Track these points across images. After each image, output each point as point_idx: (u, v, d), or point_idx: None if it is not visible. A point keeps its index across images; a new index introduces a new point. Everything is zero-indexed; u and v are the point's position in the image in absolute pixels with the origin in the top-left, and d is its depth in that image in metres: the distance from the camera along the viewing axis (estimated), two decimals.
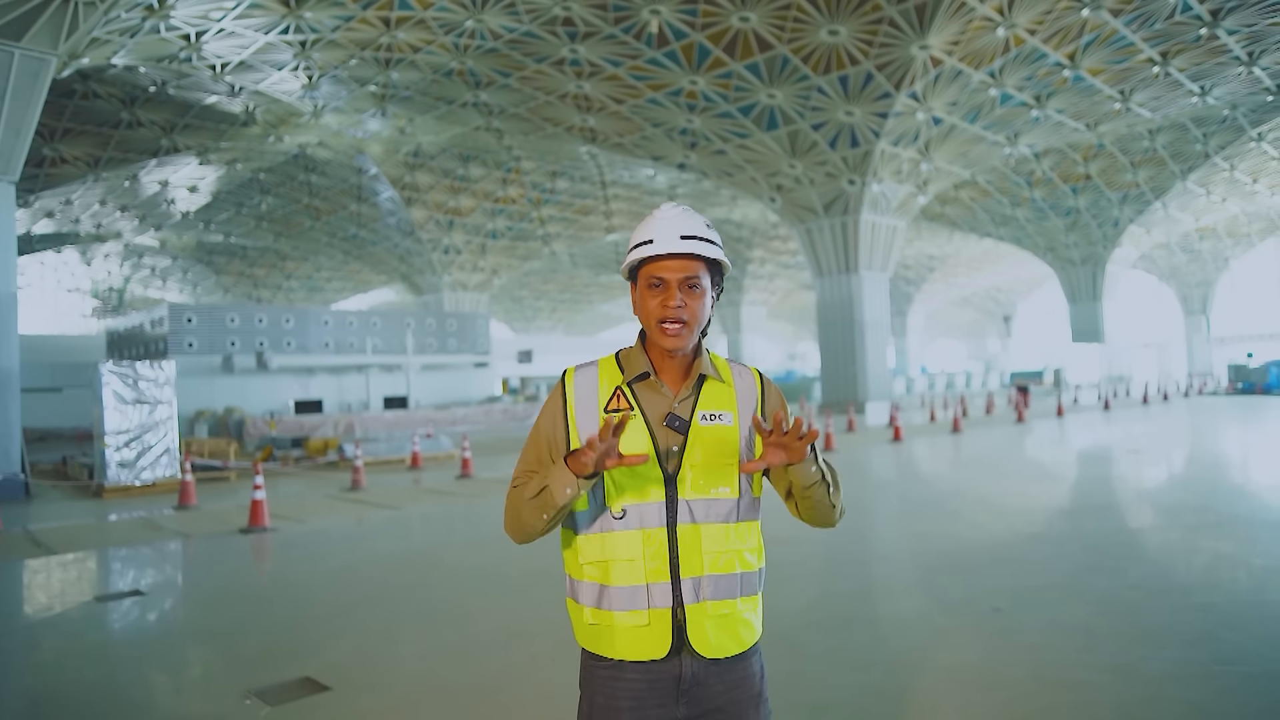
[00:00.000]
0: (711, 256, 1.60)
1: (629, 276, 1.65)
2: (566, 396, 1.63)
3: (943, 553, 6.27)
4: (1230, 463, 11.71)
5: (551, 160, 31.39)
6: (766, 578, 1.68)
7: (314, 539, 7.81)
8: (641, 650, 1.53)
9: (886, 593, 5.41)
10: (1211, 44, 20.62)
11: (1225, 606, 4.58)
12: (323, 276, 51.87)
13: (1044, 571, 5.52)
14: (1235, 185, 33.10)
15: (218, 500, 10.57)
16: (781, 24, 19.16)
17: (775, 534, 3.02)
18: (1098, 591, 4.90)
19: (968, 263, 53.31)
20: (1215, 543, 6.25)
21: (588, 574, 1.58)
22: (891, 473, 11.76)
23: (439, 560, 6.80)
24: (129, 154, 26.53)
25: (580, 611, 1.59)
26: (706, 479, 1.57)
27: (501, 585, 5.73)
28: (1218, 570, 5.49)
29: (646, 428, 1.57)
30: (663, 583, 1.53)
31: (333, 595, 5.67)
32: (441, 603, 5.37)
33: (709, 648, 1.54)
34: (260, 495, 8.01)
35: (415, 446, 13.81)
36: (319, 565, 6.75)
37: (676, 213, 1.61)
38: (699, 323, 1.60)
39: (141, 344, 25.50)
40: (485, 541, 7.38)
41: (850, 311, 26.10)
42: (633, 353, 1.65)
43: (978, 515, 7.93)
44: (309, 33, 18.59)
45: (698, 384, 1.63)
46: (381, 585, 5.87)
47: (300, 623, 5.02)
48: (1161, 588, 5.02)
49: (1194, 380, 36.98)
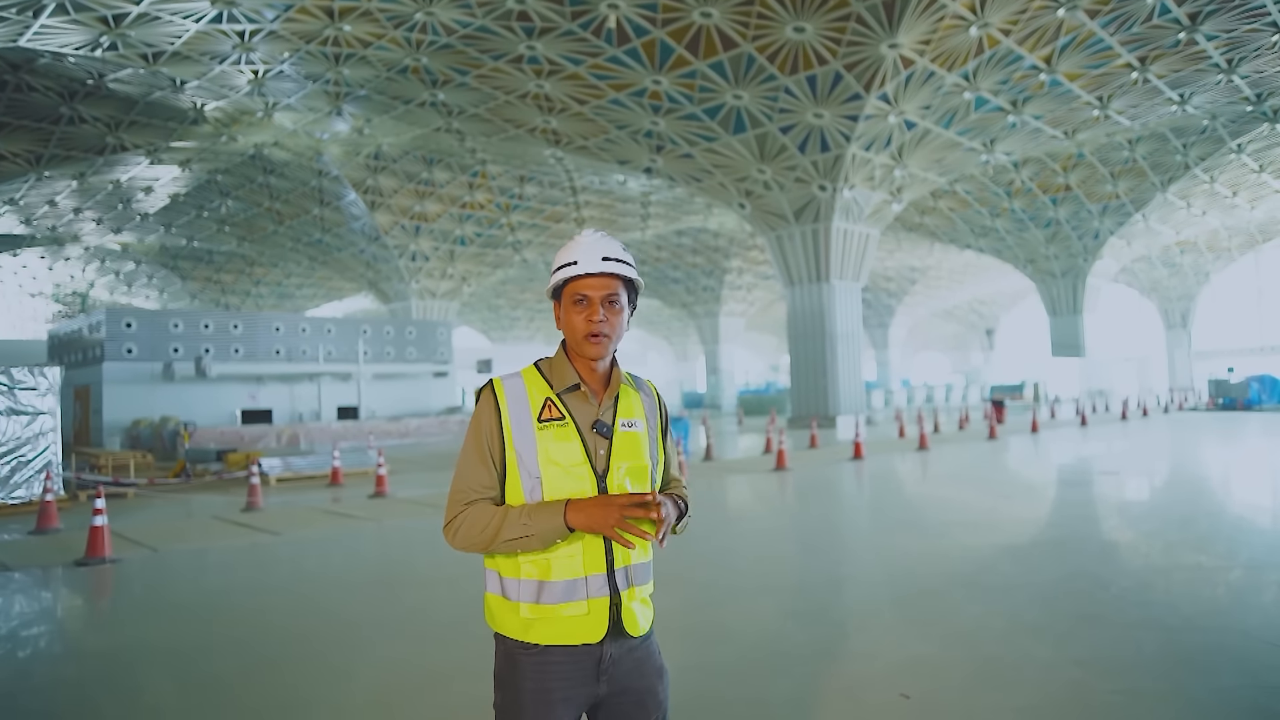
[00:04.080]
0: (628, 276, 1.80)
1: (553, 296, 1.82)
2: (500, 407, 1.73)
3: (826, 611, 5.32)
4: (1210, 489, 10.83)
5: (518, 164, 30.49)
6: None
7: (160, 572, 6.80)
8: (580, 636, 1.66)
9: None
10: (1190, 50, 19.96)
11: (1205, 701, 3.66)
12: (293, 283, 50.71)
13: (965, 640, 4.56)
14: (1215, 198, 32.55)
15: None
16: (745, 20, 18.35)
17: None
18: (1031, 681, 3.80)
19: (949, 275, 52.68)
20: (1192, 609, 5.33)
21: (525, 572, 1.68)
22: (825, 502, 10.83)
23: (285, 605, 5.80)
24: (72, 152, 25.43)
25: (512, 607, 1.69)
26: (629, 478, 1.74)
27: (348, 647, 4.74)
28: (1197, 654, 4.57)
29: (578, 433, 1.72)
30: (599, 574, 1.68)
31: (116, 646, 4.67)
32: (259, 664, 4.38)
33: (636, 628, 1.72)
34: (101, 521, 6.98)
35: (335, 461, 12.77)
36: (135, 608, 5.74)
37: (597, 238, 1.79)
38: (618, 336, 1.77)
39: (80, 349, 24.35)
40: (353, 582, 6.40)
41: (821, 322, 25.23)
42: (558, 364, 1.79)
43: (907, 549, 7.00)
44: (245, 22, 17.62)
45: (615, 394, 1.80)
46: (194, 639, 4.87)
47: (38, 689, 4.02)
48: (1117, 665, 4.09)
49: (1174, 395, 36.33)
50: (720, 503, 10.21)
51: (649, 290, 51.48)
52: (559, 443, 1.69)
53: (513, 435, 1.70)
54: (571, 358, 1.78)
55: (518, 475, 1.70)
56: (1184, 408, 32.37)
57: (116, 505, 11.03)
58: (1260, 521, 7.94)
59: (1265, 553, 6.38)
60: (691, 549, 6.99)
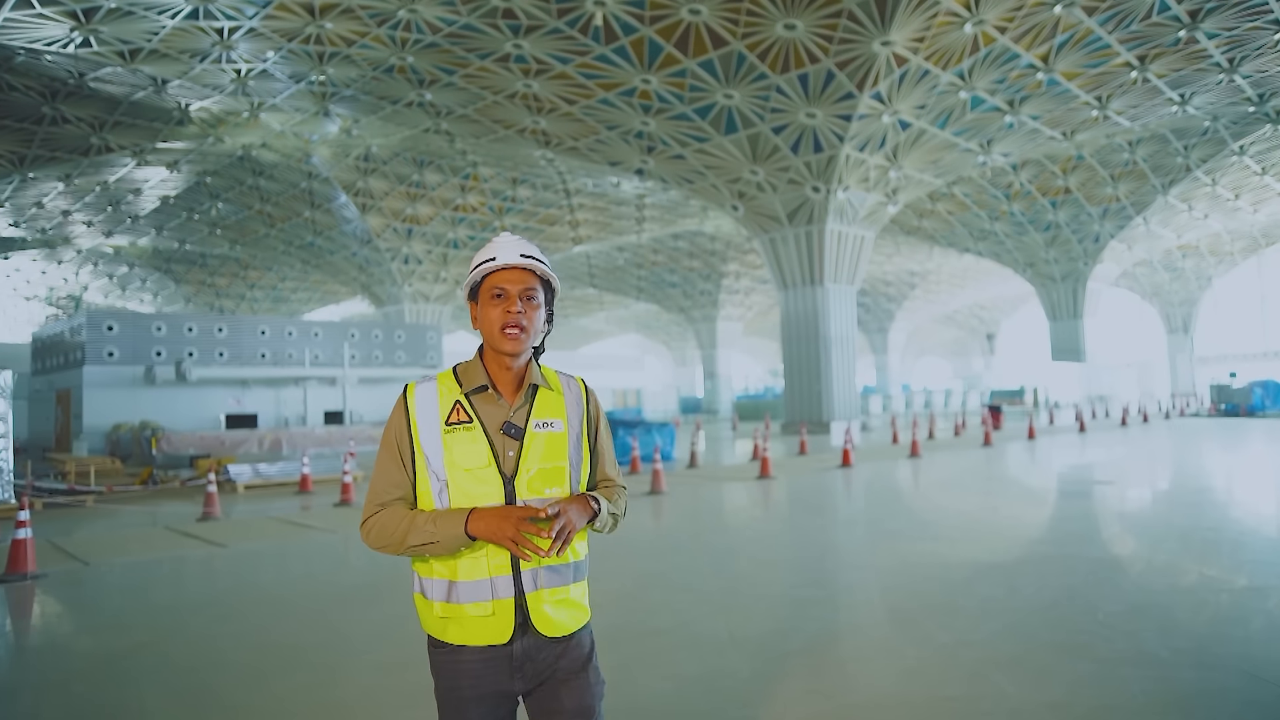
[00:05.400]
0: (543, 274, 1.82)
1: (471, 295, 1.84)
2: (409, 411, 1.75)
3: (771, 641, 4.87)
4: (1211, 501, 10.36)
5: (510, 167, 30.12)
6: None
7: (85, 589, 6.38)
8: (488, 636, 1.70)
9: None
10: (1191, 48, 19.54)
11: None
12: (288, 287, 50.37)
13: (927, 676, 4.09)
14: (1217, 201, 32.08)
15: (38, 532, 9.10)
16: (734, 18, 17.94)
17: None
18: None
19: (949, 279, 52.22)
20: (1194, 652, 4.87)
21: (437, 572, 1.72)
22: (800, 513, 10.38)
23: (203, 627, 5.37)
24: (57, 153, 25.10)
25: (430, 606, 1.74)
26: (541, 480, 1.75)
27: (249, 679, 4.30)
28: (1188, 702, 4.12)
29: (485, 436, 1.73)
30: (504, 575, 1.70)
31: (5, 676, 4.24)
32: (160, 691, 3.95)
33: (551, 628, 1.74)
34: (24, 534, 6.55)
35: (305, 468, 12.33)
36: (44, 631, 5.31)
37: (515, 239, 1.83)
38: (535, 331, 1.79)
39: (62, 352, 23.93)
40: (285, 596, 5.97)
41: (815, 326, 24.76)
42: (470, 366, 1.81)
43: (880, 566, 6.56)
44: (224, 19, 17.25)
45: (530, 394, 1.81)
46: (88, 666, 4.44)
47: None
48: (1097, 710, 3.65)
49: (1175, 401, 35.81)
50: (691, 513, 9.76)
51: (646, 294, 51.05)
52: (465, 445, 1.71)
53: (420, 439, 1.73)
54: (485, 359, 1.80)
55: (426, 478, 1.73)
56: (1185, 413, 31.85)
57: (70, 514, 10.62)
58: (1266, 537, 7.46)
59: (1273, 574, 5.89)
60: (633, 568, 6.55)
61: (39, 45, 17.15)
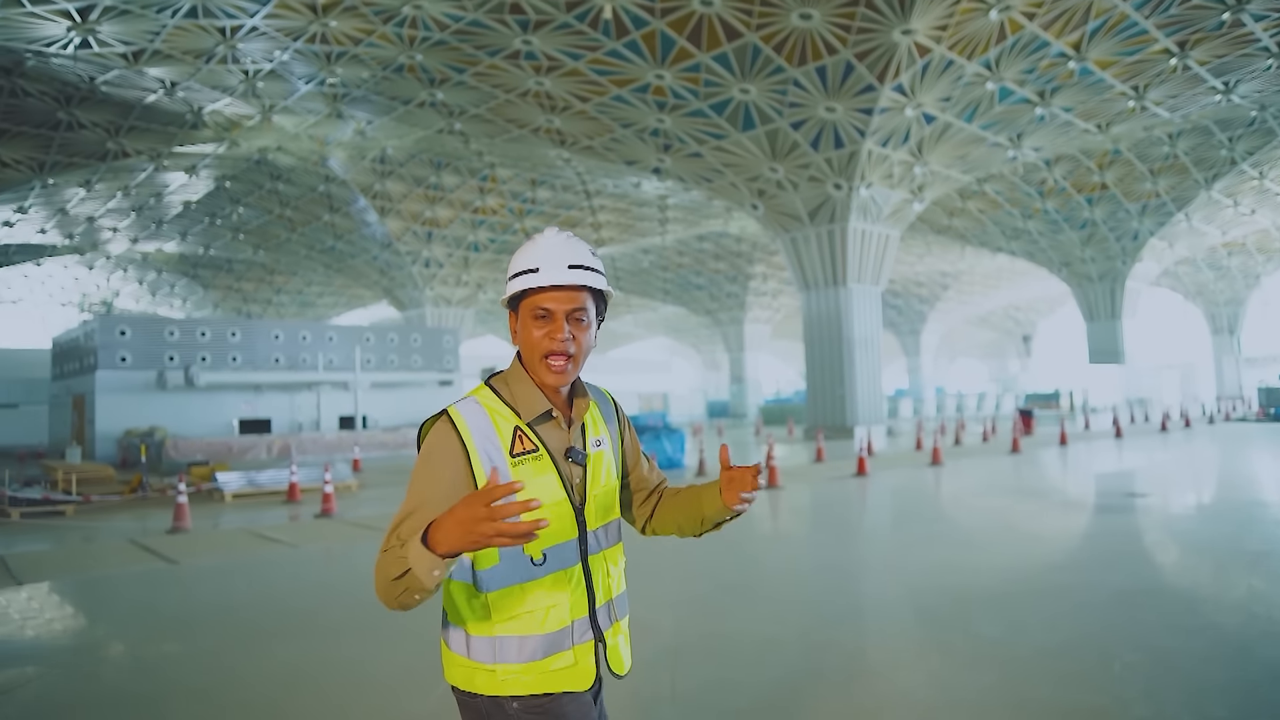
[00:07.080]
0: (597, 287, 1.59)
1: (510, 305, 1.58)
2: (466, 442, 1.47)
3: (710, 692, 4.22)
4: (1259, 521, 9.46)
5: (528, 168, 29.72)
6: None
7: (8, 611, 5.92)
8: (570, 686, 1.49)
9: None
10: (1235, 32, 18.42)
11: None
12: (314, 291, 50.61)
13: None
14: (1265, 195, 30.62)
15: (9, 545, 8.75)
16: (748, 8, 17.29)
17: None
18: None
19: (983, 280, 50.88)
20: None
21: (501, 630, 1.47)
22: (799, 530, 9.67)
23: (112, 659, 4.87)
24: (74, 158, 25.18)
25: (489, 671, 1.46)
26: (605, 506, 1.59)
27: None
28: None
29: (554, 465, 1.52)
30: (582, 618, 1.51)
31: None
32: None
33: (621, 665, 1.59)
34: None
35: (293, 476, 11.92)
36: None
37: (561, 239, 1.56)
38: (584, 356, 1.57)
39: (78, 357, 23.99)
40: (202, 624, 5.45)
41: (838, 327, 23.96)
42: (521, 387, 1.55)
43: (867, 598, 5.87)
44: (225, 18, 17.00)
45: (578, 408, 1.62)
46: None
47: None
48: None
49: (1221, 404, 34.29)
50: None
51: (672, 296, 50.42)
52: (536, 478, 1.50)
53: (483, 472, 1.46)
54: (531, 374, 1.57)
55: None
56: (1231, 418, 30.42)
57: (46, 525, 10.29)
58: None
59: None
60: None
61: (39, 46, 17.04)
